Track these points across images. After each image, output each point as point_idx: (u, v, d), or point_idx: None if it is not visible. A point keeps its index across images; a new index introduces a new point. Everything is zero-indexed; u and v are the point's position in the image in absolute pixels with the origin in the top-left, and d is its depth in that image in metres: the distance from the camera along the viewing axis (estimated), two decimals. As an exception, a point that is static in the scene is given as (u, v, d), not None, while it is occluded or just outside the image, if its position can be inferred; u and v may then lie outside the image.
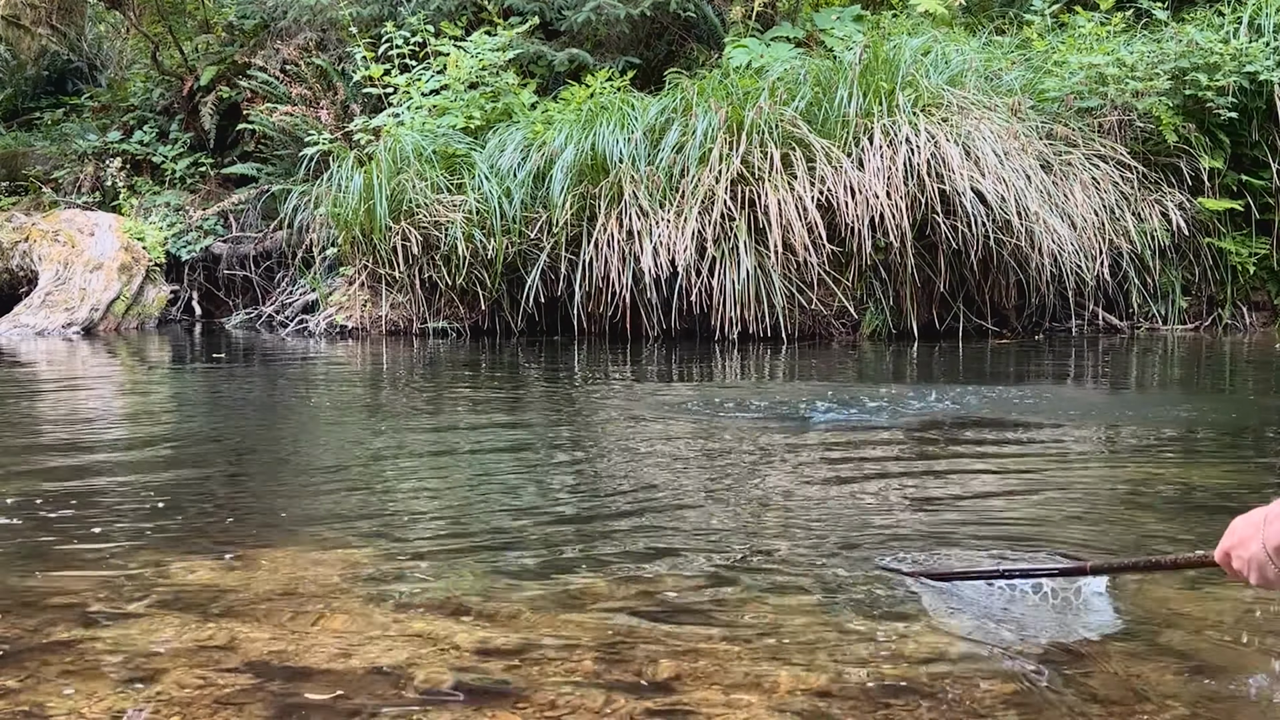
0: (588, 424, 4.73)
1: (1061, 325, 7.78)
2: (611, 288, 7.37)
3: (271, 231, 9.64)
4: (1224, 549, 1.50)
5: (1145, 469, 3.62)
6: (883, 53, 7.72)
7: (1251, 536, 1.43)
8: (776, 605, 2.27)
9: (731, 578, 2.45)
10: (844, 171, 7.18)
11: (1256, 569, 1.43)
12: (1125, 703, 1.81)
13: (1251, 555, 1.42)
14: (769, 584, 2.40)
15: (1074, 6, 8.56)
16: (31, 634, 2.13)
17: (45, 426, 4.85)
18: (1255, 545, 1.42)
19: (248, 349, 8.09)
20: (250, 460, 4.01)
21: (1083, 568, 2.18)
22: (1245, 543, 1.44)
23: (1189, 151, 7.79)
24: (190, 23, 11.58)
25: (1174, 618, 2.19)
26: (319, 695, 1.85)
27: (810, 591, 2.34)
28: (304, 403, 5.51)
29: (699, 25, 9.59)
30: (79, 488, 3.42)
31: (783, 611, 2.23)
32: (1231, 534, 1.48)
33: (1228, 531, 1.50)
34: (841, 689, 1.87)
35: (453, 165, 8.12)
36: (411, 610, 2.25)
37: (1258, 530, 1.41)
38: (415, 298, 8.05)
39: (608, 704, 1.80)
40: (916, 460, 3.82)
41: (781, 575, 2.46)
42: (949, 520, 2.95)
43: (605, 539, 2.80)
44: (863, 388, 5.41)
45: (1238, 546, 1.45)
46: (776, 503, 3.19)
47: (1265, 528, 1.40)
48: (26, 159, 10.94)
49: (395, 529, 2.92)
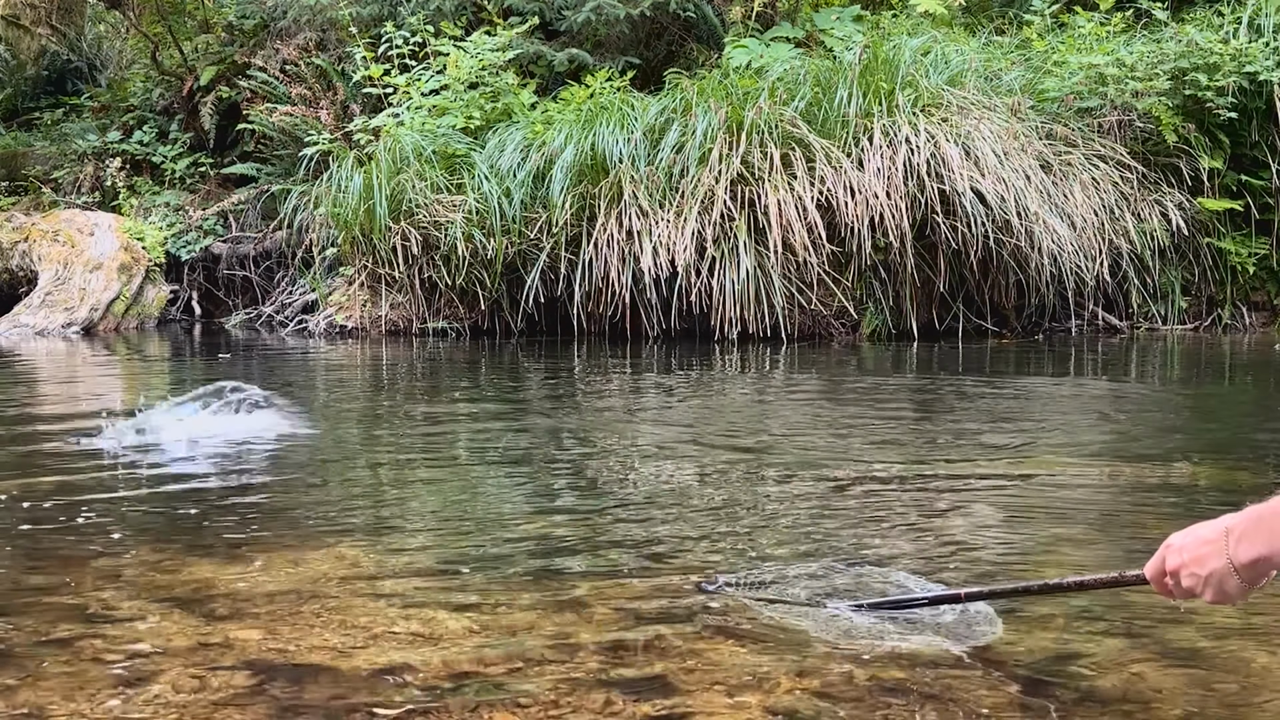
0: (587, 423, 4.73)
1: (1061, 325, 7.78)
2: (611, 288, 7.37)
3: (271, 231, 9.63)
4: (1171, 568, 1.49)
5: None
6: (882, 53, 7.72)
7: (1210, 554, 1.43)
8: (778, 604, 2.26)
9: (732, 577, 2.44)
10: (844, 171, 7.18)
11: (1215, 585, 1.44)
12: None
13: (1211, 571, 1.43)
14: (769, 585, 2.40)
15: (1074, 7, 8.55)
16: (31, 633, 2.13)
17: (46, 426, 4.84)
18: (1216, 561, 1.42)
19: (248, 348, 8.08)
20: (250, 459, 4.01)
21: (957, 595, 2.15)
22: (1202, 560, 1.44)
23: (1189, 151, 7.78)
24: (190, 23, 11.58)
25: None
26: (318, 695, 1.85)
27: (807, 592, 2.34)
28: (304, 402, 5.51)
29: (699, 25, 9.59)
30: (79, 487, 3.41)
31: (782, 611, 2.23)
32: (1177, 553, 1.48)
33: (1170, 550, 1.50)
34: (842, 689, 1.87)
35: (452, 165, 8.12)
36: (411, 610, 2.25)
37: (1219, 547, 1.42)
38: (415, 298, 8.05)
39: (607, 704, 1.80)
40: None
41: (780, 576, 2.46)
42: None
43: (605, 539, 2.80)
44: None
45: (1191, 565, 1.46)
46: (776, 502, 3.18)
47: (1232, 545, 1.40)
48: (26, 159, 10.93)
49: (395, 529, 2.92)
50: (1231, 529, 1.41)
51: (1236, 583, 1.42)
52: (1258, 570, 1.39)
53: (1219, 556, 1.42)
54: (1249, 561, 1.39)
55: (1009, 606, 2.22)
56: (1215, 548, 1.42)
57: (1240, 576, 1.40)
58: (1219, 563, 1.42)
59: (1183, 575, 1.47)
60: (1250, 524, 1.39)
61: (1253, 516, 1.39)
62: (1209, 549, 1.44)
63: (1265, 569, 1.39)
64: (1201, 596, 1.47)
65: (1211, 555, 1.43)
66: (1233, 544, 1.40)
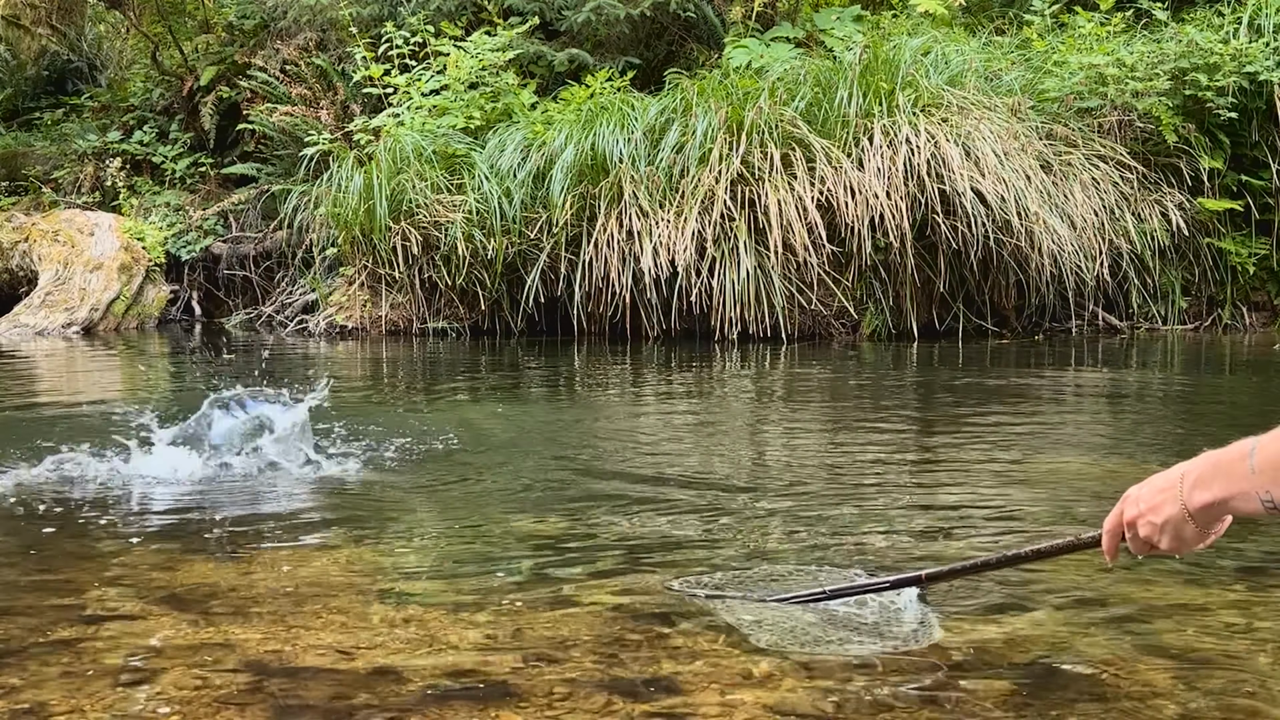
0: (587, 423, 4.73)
1: (1061, 325, 7.77)
2: (611, 288, 7.37)
3: (271, 231, 9.63)
4: (1129, 519, 1.49)
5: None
6: (883, 53, 7.72)
7: (1165, 500, 1.43)
8: (778, 605, 2.26)
9: (731, 578, 2.45)
10: (844, 172, 7.18)
11: (1171, 531, 1.43)
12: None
13: (1167, 518, 1.43)
14: (769, 586, 2.40)
15: (1074, 6, 8.55)
16: (31, 633, 2.13)
17: (45, 426, 4.84)
18: (1171, 508, 1.42)
19: (248, 348, 8.08)
20: (250, 458, 4.00)
21: (919, 577, 2.13)
22: (1157, 508, 1.44)
23: (1189, 152, 7.78)
24: (190, 23, 11.58)
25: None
26: (318, 695, 1.85)
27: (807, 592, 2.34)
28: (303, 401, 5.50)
29: (699, 25, 9.59)
30: (79, 486, 3.42)
31: (782, 611, 2.23)
32: (1135, 503, 1.48)
33: (1127, 501, 1.50)
34: (842, 689, 1.87)
35: (453, 165, 8.12)
36: (411, 610, 2.25)
37: (1172, 493, 1.42)
38: (415, 298, 8.05)
39: (608, 704, 1.80)
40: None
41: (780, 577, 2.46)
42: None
43: (605, 538, 2.80)
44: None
45: (1147, 513, 1.45)
46: (774, 503, 3.19)
47: (1185, 489, 1.40)
48: (26, 159, 10.94)
49: (395, 529, 2.92)
50: (1186, 474, 1.41)
51: (1192, 528, 1.41)
52: (1210, 514, 1.39)
53: (1174, 503, 1.42)
54: (1202, 505, 1.38)
55: (1000, 602, 2.23)
56: (1170, 494, 1.42)
57: (1195, 522, 1.40)
58: (1174, 509, 1.42)
59: (1139, 525, 1.47)
60: (1207, 468, 1.38)
61: (1210, 461, 1.38)
62: (1163, 496, 1.43)
63: (1218, 513, 1.39)
64: (1160, 546, 1.46)
65: (1167, 502, 1.43)
66: (1187, 489, 1.40)
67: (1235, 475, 1.34)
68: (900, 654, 2.01)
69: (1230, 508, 1.37)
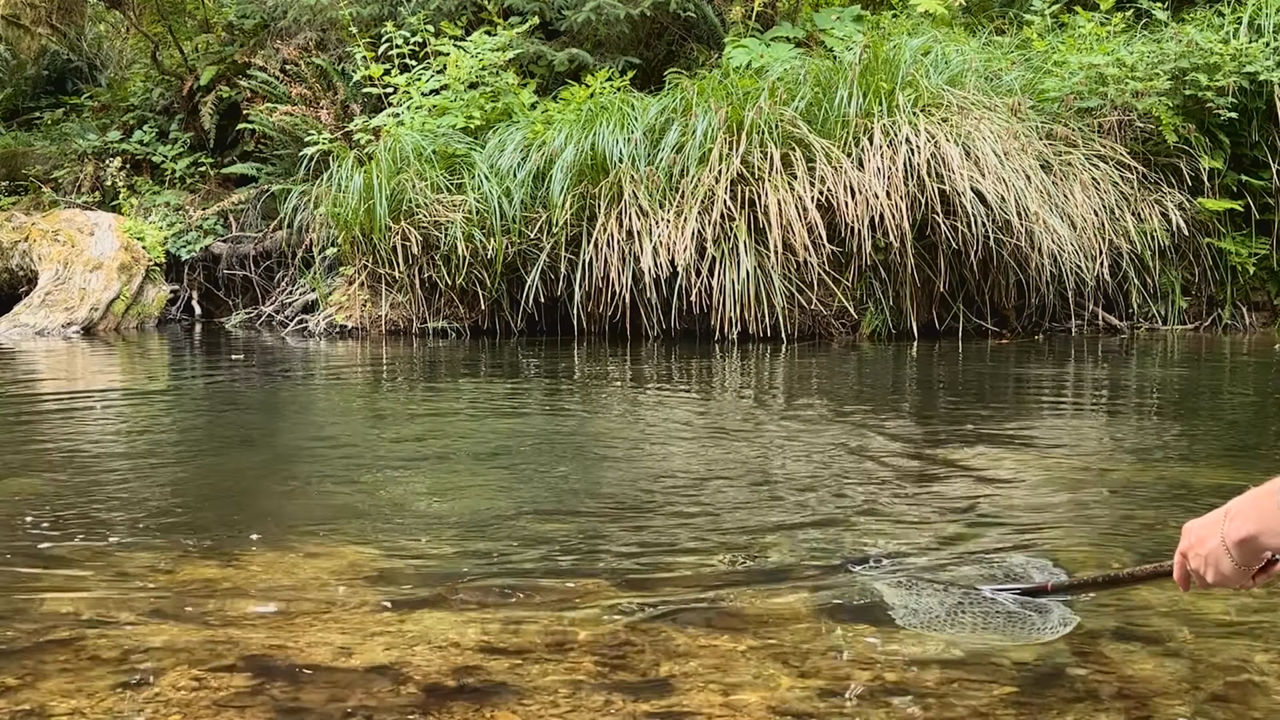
0: (587, 422, 4.73)
1: (1061, 325, 7.77)
2: (611, 288, 7.37)
3: (271, 231, 9.63)
4: (1180, 551, 1.52)
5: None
6: (883, 53, 7.71)
7: (1209, 534, 1.46)
8: (777, 606, 2.26)
9: (731, 578, 2.45)
10: (844, 171, 7.18)
11: (1214, 565, 1.46)
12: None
13: (1209, 551, 1.45)
14: (768, 586, 2.40)
15: (1074, 6, 8.55)
16: (31, 633, 2.13)
17: (45, 426, 4.84)
18: (1214, 541, 1.45)
19: (249, 348, 8.08)
20: (250, 459, 4.01)
21: (1044, 587, 2.28)
22: (1203, 540, 1.47)
23: (1189, 151, 7.78)
24: (190, 23, 11.58)
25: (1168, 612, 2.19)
26: (318, 695, 1.85)
27: (808, 593, 2.34)
28: (303, 402, 5.51)
29: (699, 25, 9.59)
30: (79, 486, 3.41)
31: (781, 612, 2.23)
32: (1187, 535, 1.52)
33: (1184, 534, 1.53)
34: (841, 690, 1.87)
35: (452, 165, 8.12)
36: (411, 610, 2.25)
37: (1217, 527, 1.45)
38: (415, 298, 8.05)
39: (608, 704, 1.80)
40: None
41: (780, 577, 2.46)
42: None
43: (604, 539, 2.80)
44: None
45: (1195, 546, 1.49)
46: (776, 502, 3.18)
47: (1226, 523, 1.43)
48: (26, 159, 10.94)
49: (395, 529, 2.92)
50: (1230, 509, 1.44)
51: (1230, 563, 1.43)
52: (1248, 549, 1.41)
53: (1215, 536, 1.44)
54: (1239, 540, 1.41)
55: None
56: (1214, 528, 1.45)
57: (1234, 556, 1.42)
58: (1215, 542, 1.44)
59: (1190, 557, 1.50)
60: (1246, 503, 1.42)
61: (1249, 496, 1.41)
62: (1209, 530, 1.46)
63: (1257, 548, 1.41)
64: (1206, 579, 1.48)
65: (1210, 535, 1.46)
66: (1227, 523, 1.42)
67: (1265, 512, 1.38)
68: (903, 654, 2.01)
69: (1262, 544, 1.40)
